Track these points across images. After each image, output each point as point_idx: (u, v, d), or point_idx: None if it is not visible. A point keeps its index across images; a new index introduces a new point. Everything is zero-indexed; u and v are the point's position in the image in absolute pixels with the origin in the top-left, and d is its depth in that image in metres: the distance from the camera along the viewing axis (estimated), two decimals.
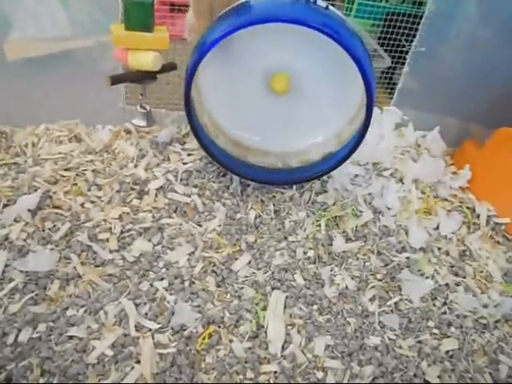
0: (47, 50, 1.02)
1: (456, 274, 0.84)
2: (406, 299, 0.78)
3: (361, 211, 0.90)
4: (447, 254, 0.87)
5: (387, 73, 1.13)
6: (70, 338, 0.67)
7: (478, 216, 0.95)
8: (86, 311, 0.70)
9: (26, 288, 0.71)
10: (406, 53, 0.99)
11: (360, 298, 0.77)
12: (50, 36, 1.08)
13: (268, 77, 0.84)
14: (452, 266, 0.86)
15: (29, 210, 0.80)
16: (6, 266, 0.73)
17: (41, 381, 0.62)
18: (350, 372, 0.68)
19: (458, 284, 0.83)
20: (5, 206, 0.80)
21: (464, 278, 0.84)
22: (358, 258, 0.82)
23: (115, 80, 0.83)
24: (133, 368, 0.64)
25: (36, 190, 0.83)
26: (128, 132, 0.98)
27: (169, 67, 0.85)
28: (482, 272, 0.86)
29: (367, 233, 0.87)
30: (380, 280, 0.80)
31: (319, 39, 0.71)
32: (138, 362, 0.65)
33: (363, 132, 0.78)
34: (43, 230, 0.78)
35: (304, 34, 0.71)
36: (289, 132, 0.88)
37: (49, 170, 0.87)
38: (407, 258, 0.83)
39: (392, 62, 1.08)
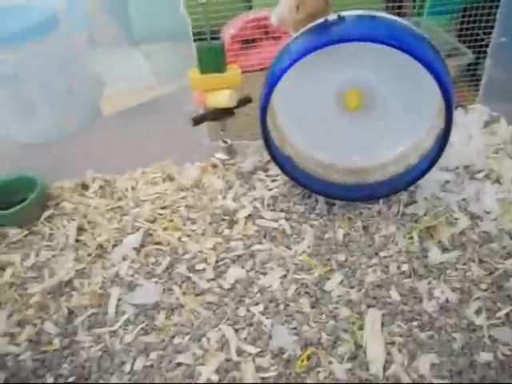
0: (136, 101, 1.14)
1: None
2: None
3: (456, 218, 0.85)
4: None
5: (470, 69, 1.08)
6: (179, 364, 0.71)
7: None
8: (190, 338, 0.74)
9: (137, 319, 0.78)
10: (487, 46, 0.93)
11: (464, 310, 0.73)
12: (137, 88, 1.21)
13: (341, 95, 0.85)
14: None
15: (134, 248, 0.88)
16: (119, 300, 0.81)
17: None
18: None
19: None
20: (113, 246, 0.90)
21: None
22: (457, 269, 0.78)
23: (197, 120, 0.89)
24: None
25: (138, 230, 0.91)
26: (214, 166, 1.04)
27: (244, 101, 0.90)
28: None
29: (465, 241, 0.82)
30: (485, 290, 0.75)
31: (388, 50, 0.71)
32: None
33: (444, 140, 0.75)
34: (147, 266, 0.86)
35: (371, 47, 0.72)
36: (368, 147, 0.87)
37: (148, 209, 0.96)
38: None
39: (474, 57, 1.03)
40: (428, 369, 0.67)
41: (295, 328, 0.74)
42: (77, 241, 0.93)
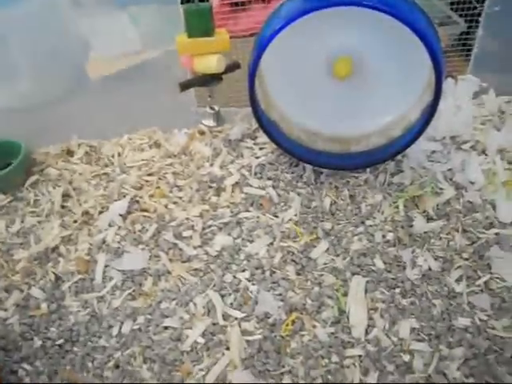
0: (123, 65, 1.11)
1: None
2: (498, 278, 0.74)
3: (441, 188, 0.86)
4: None
5: (462, 39, 1.06)
6: (166, 328, 0.73)
7: None
8: (177, 304, 0.75)
9: (124, 285, 0.79)
10: (479, 15, 0.92)
11: (445, 278, 0.75)
12: (124, 51, 1.17)
13: (331, 62, 0.83)
14: None
15: (120, 215, 0.88)
16: (106, 266, 0.82)
17: (144, 367, 0.69)
18: (438, 354, 0.66)
19: None
20: (99, 212, 0.89)
21: None
22: (441, 238, 0.79)
23: (184, 86, 0.87)
24: (223, 354, 0.69)
25: (125, 196, 0.91)
26: (202, 133, 1.02)
27: (233, 67, 0.88)
28: None
29: (450, 211, 0.83)
30: (467, 259, 0.77)
31: (379, 17, 0.69)
32: (228, 348, 0.69)
33: (431, 113, 0.75)
34: (134, 232, 0.86)
35: (362, 13, 0.70)
36: (357, 115, 0.87)
37: (134, 176, 0.95)
38: (496, 234, 0.78)
39: (466, 26, 1.01)
40: (408, 333, 0.69)
41: (280, 294, 0.75)
42: (62, 207, 0.92)
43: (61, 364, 0.70)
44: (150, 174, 0.96)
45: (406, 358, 0.66)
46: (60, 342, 0.72)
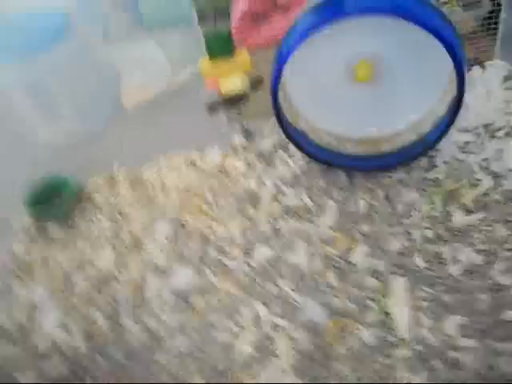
0: (154, 91, 1.17)
1: None
2: None
3: (478, 179, 0.85)
4: None
5: (489, 21, 1.03)
6: (216, 340, 0.76)
7: None
8: (226, 317, 0.79)
9: (175, 303, 0.83)
10: None
11: (489, 272, 0.74)
12: (154, 77, 1.23)
13: (351, 66, 0.84)
14: None
15: (165, 236, 0.93)
16: (157, 286, 0.86)
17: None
18: (487, 349, 0.66)
19: None
20: (147, 235, 0.95)
21: None
22: (481, 231, 0.78)
23: (212, 108, 0.91)
24: (272, 362, 0.72)
25: (168, 218, 0.96)
26: (235, 150, 1.06)
27: (256, 83, 0.91)
28: None
29: (489, 201, 0.82)
30: (510, 250, 0.75)
31: (394, 19, 0.70)
32: (277, 356, 0.72)
33: (457, 107, 0.74)
34: (180, 252, 0.90)
35: (380, 17, 0.71)
36: (383, 115, 0.87)
37: (175, 197, 1.00)
38: None
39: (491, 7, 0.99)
40: (454, 330, 0.69)
41: (324, 300, 0.77)
42: (112, 233, 0.98)
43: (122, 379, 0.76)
44: (190, 194, 1.00)
45: (455, 355, 0.67)
46: (121, 359, 0.78)
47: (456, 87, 0.73)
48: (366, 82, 0.84)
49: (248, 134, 0.98)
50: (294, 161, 1.00)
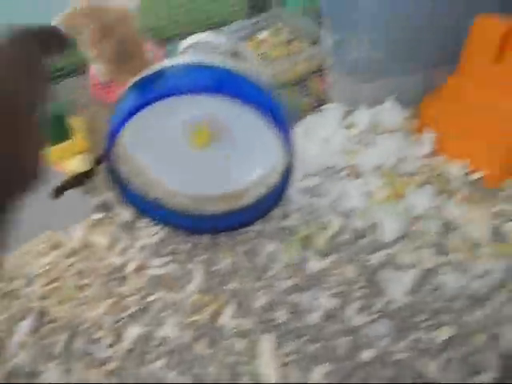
0: None
1: (440, 253, 0.82)
2: (392, 299, 0.77)
3: (329, 222, 0.89)
4: (427, 233, 0.85)
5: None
6: None
7: (452, 179, 0.91)
8: None
9: None
10: None
11: (345, 314, 0.77)
12: None
13: (190, 131, 0.85)
14: (434, 245, 0.83)
15: (30, 332, 0.87)
16: None
17: None
18: None
19: (443, 264, 0.80)
20: (7, 337, 0.88)
21: (448, 254, 0.81)
22: (334, 274, 0.82)
23: (59, 191, 0.88)
24: None
25: (32, 311, 0.90)
26: (97, 224, 1.02)
27: (100, 159, 0.89)
28: (466, 241, 0.83)
29: (340, 243, 0.86)
30: (361, 288, 0.80)
31: None
32: None
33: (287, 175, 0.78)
34: (45, 348, 0.85)
35: None
36: (232, 173, 0.89)
37: (39, 286, 0.94)
38: (383, 255, 0.82)
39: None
40: (321, 379, 0.72)
41: (197, 372, 0.76)
42: None
43: None
44: (54, 279, 0.95)
45: None
46: None
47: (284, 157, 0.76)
48: (204, 147, 0.85)
49: (106, 208, 0.95)
50: (156, 227, 0.99)
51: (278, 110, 0.76)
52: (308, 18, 1.36)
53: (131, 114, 0.73)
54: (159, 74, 0.76)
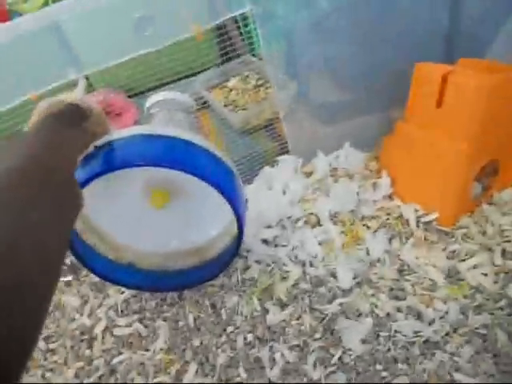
0: None
1: (396, 298, 0.82)
2: (349, 350, 0.77)
3: (287, 271, 0.90)
4: (383, 278, 0.85)
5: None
6: None
7: (408, 221, 0.92)
8: None
9: None
10: None
11: (303, 368, 0.77)
12: None
13: (148, 192, 0.88)
14: (391, 290, 0.84)
15: None
16: None
17: None
18: None
19: (399, 309, 0.81)
20: None
21: (404, 299, 0.82)
22: (293, 325, 0.83)
23: None
24: None
25: None
26: (69, 284, 1.04)
27: None
28: (422, 284, 0.83)
29: (298, 292, 0.87)
30: (319, 339, 0.80)
31: None
32: None
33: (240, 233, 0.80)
34: None
35: None
36: (183, 233, 0.91)
37: None
38: (340, 304, 0.82)
39: None
40: None
41: None
42: None
43: None
44: None
45: None
46: None
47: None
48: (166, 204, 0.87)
49: (73, 269, 0.97)
50: None
51: (229, 179, 0.78)
52: (275, 63, 1.40)
53: (82, 185, 0.75)
54: (110, 146, 0.79)
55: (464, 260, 0.84)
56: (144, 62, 1.41)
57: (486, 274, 0.82)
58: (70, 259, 0.96)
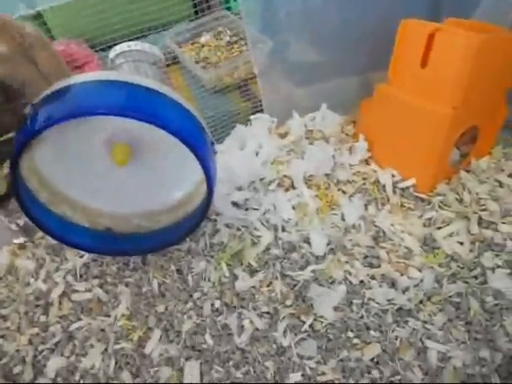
0: None
1: (370, 265, 0.80)
2: (321, 317, 0.75)
3: (259, 236, 0.86)
4: (358, 245, 0.82)
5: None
6: None
7: (384, 187, 0.89)
8: None
9: None
10: None
11: (272, 335, 0.74)
12: None
13: (110, 148, 0.81)
14: (366, 257, 0.81)
15: None
16: None
17: None
18: None
19: (373, 277, 0.78)
20: None
21: (379, 266, 0.79)
22: (262, 292, 0.79)
23: None
24: None
25: None
26: (23, 247, 0.97)
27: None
28: (397, 251, 0.81)
29: (270, 258, 0.83)
30: (290, 306, 0.77)
31: None
32: None
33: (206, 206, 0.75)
34: None
35: None
36: (150, 194, 0.84)
37: None
38: (313, 270, 0.79)
39: None
40: None
41: None
42: None
43: None
44: None
45: None
46: None
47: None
48: (124, 165, 0.80)
49: (27, 231, 0.90)
50: None
51: (199, 134, 0.72)
52: (252, 18, 1.32)
53: (39, 131, 0.67)
54: (71, 90, 0.71)
55: (440, 228, 0.82)
56: (111, 8, 1.30)
57: (461, 243, 0.80)
58: (22, 220, 0.89)
